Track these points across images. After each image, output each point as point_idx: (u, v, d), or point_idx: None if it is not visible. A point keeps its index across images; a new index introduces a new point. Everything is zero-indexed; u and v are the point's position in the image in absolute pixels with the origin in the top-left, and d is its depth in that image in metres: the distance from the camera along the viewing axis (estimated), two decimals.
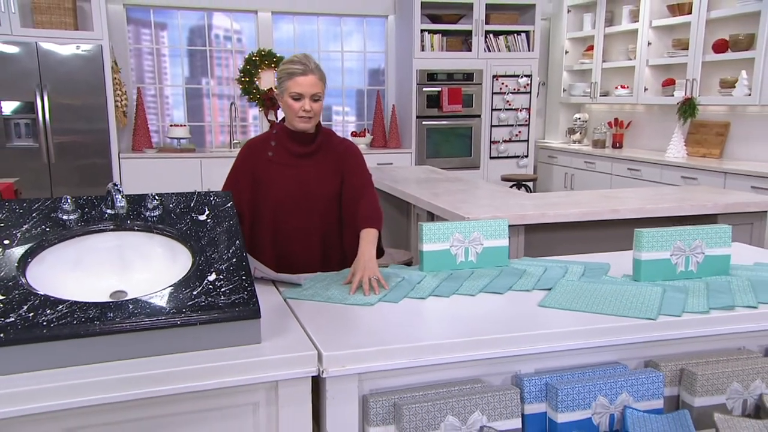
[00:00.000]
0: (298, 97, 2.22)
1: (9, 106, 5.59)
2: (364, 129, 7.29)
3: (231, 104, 6.80)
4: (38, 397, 1.30)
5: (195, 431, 1.45)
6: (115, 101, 5.95)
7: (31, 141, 5.69)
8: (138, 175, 6.03)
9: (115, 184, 1.69)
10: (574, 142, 7.57)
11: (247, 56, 6.73)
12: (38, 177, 5.69)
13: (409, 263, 3.42)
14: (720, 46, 5.65)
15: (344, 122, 7.34)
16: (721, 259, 2.09)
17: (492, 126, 7.13)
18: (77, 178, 5.84)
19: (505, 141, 7.21)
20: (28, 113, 5.64)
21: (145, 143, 6.40)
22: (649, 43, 6.43)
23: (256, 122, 7.03)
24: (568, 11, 7.60)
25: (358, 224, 2.23)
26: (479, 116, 7.07)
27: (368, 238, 2.15)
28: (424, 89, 6.84)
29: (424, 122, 6.92)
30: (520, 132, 7.24)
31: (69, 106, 5.74)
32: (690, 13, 5.89)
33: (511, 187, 6.15)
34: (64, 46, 5.66)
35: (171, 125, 6.52)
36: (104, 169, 5.87)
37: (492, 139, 7.16)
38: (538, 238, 3.26)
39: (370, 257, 2.04)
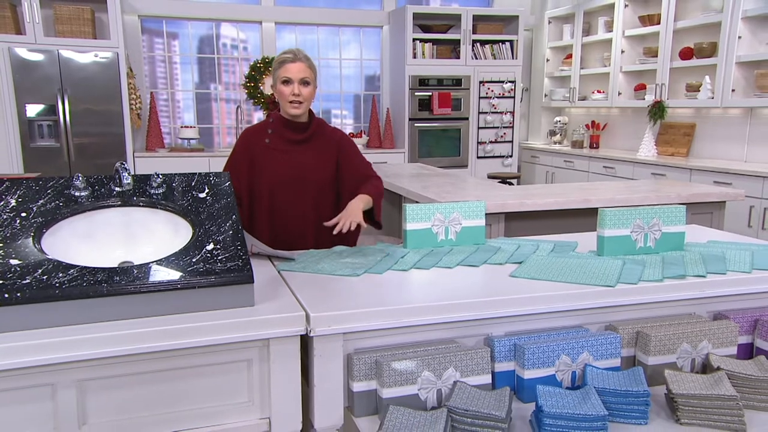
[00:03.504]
0: (288, 81, 2.25)
1: (33, 109, 5.62)
2: (361, 131, 7.31)
3: (237, 108, 6.83)
4: (51, 350, 1.32)
5: (194, 385, 1.48)
6: (130, 105, 5.97)
7: (53, 141, 5.73)
8: (151, 172, 6.03)
9: (122, 163, 1.71)
10: (555, 142, 7.60)
11: (252, 63, 6.76)
12: (59, 175, 5.72)
13: None
14: (686, 54, 5.69)
15: (342, 125, 7.35)
16: (677, 235, 2.12)
17: (479, 128, 7.16)
18: None
19: (491, 142, 7.24)
20: (50, 116, 5.67)
21: (158, 143, 6.42)
22: (622, 51, 6.47)
23: None
24: (549, 22, 7.64)
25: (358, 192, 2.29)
26: (467, 119, 7.10)
27: (361, 196, 2.23)
28: (416, 94, 6.87)
29: (416, 124, 6.95)
30: (505, 134, 7.27)
31: (87, 109, 5.77)
32: (659, 23, 5.93)
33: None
34: (84, 54, 5.69)
35: (182, 127, 6.55)
36: None
37: (479, 140, 7.19)
38: (518, 225, 3.28)
39: (356, 206, 2.13)
